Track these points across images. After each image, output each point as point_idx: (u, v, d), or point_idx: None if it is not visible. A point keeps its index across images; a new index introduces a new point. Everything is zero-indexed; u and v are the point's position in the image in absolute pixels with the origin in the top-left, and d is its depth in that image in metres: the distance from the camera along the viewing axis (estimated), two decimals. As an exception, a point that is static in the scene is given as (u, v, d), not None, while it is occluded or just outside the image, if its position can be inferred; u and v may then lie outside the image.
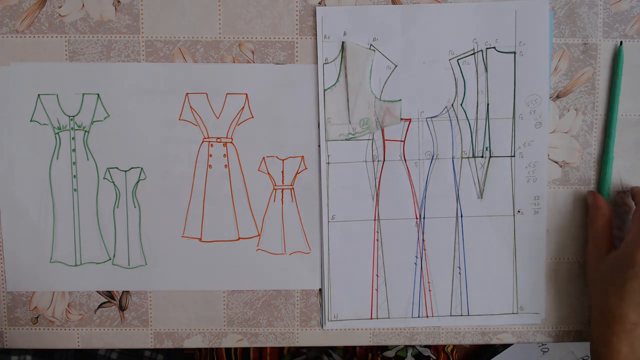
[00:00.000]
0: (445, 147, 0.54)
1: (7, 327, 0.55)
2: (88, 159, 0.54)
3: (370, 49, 0.53)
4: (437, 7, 0.53)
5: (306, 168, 0.55)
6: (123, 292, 0.55)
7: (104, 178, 0.54)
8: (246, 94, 0.54)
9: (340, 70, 0.53)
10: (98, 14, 0.53)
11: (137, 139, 0.54)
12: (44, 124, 0.53)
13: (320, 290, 0.56)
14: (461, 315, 0.56)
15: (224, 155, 0.54)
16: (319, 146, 0.54)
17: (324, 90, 0.54)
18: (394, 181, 0.55)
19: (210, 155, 0.54)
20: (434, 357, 0.74)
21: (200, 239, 0.55)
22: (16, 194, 0.54)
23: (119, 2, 0.53)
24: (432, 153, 0.55)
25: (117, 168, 0.54)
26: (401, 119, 0.54)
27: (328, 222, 0.55)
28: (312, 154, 0.54)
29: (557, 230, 0.56)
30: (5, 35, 0.53)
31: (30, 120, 0.53)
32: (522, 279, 0.56)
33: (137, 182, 0.54)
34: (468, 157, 0.55)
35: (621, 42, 0.54)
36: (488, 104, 0.54)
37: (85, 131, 0.54)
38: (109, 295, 0.55)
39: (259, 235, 0.55)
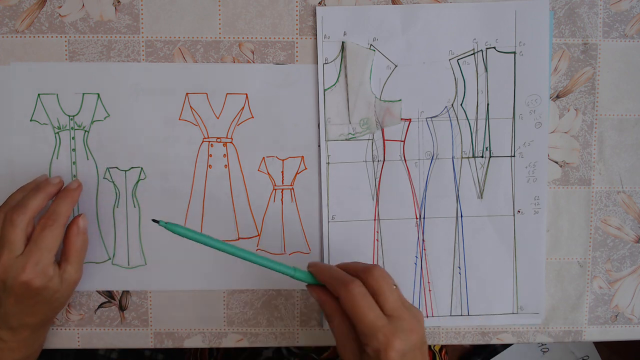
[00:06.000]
0: (445, 147, 0.54)
1: (7, 327, 0.55)
2: (88, 159, 0.54)
3: (370, 49, 0.53)
4: (437, 7, 0.53)
5: (306, 168, 0.55)
6: (123, 292, 0.55)
7: (104, 178, 0.54)
8: (246, 94, 0.54)
9: (340, 70, 0.53)
10: (98, 14, 0.53)
11: (137, 139, 0.54)
12: (44, 124, 0.53)
13: (320, 290, 0.56)
14: (461, 315, 0.56)
15: (224, 155, 0.54)
16: (319, 146, 0.54)
17: (324, 90, 0.54)
18: (394, 181, 0.55)
19: (210, 155, 0.54)
20: None
21: (200, 239, 0.55)
22: (16, 193, 0.54)
23: (119, 2, 0.53)
24: (432, 153, 0.55)
25: (117, 168, 0.54)
26: (401, 119, 0.54)
27: (328, 222, 0.55)
28: (312, 154, 0.54)
29: (557, 230, 0.56)
30: (5, 35, 0.53)
31: (30, 120, 0.53)
32: (522, 279, 0.56)
33: (137, 182, 0.54)
34: (468, 157, 0.55)
35: None
36: (488, 104, 0.54)
37: (85, 131, 0.54)
38: (109, 295, 0.55)
39: (258, 235, 0.55)
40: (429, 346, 0.76)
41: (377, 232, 0.55)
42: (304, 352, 0.71)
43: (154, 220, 0.43)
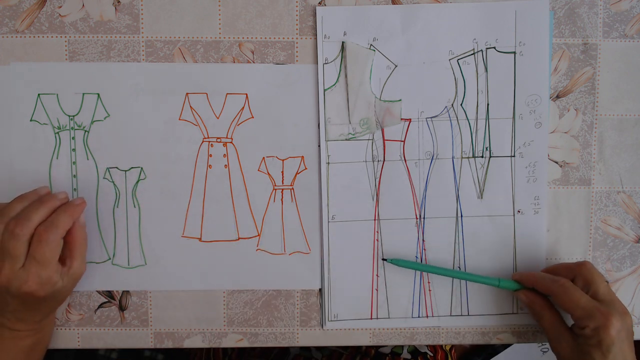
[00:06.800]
0: (445, 147, 0.54)
1: (7, 327, 0.55)
2: (88, 159, 0.54)
3: (370, 49, 0.53)
4: (437, 7, 0.53)
5: (306, 168, 0.55)
6: (123, 292, 0.55)
7: (104, 178, 0.54)
8: (246, 94, 0.54)
9: (340, 70, 0.53)
10: (98, 14, 0.53)
11: (137, 139, 0.54)
12: (44, 124, 0.53)
13: (320, 290, 0.56)
14: (461, 315, 0.56)
15: (224, 155, 0.54)
16: (319, 146, 0.54)
17: (324, 90, 0.54)
18: (394, 181, 0.55)
19: (210, 155, 0.54)
20: (431, 354, 0.74)
21: (200, 239, 0.55)
22: (16, 193, 0.53)
23: (119, 2, 0.53)
24: (432, 153, 0.55)
25: (117, 168, 0.54)
26: (401, 119, 0.54)
27: (328, 222, 0.55)
28: (312, 154, 0.54)
29: (557, 230, 0.56)
30: (5, 35, 0.53)
31: (30, 120, 0.53)
32: (522, 279, 0.55)
33: (137, 182, 0.54)
34: (468, 157, 0.55)
35: None
36: (488, 104, 0.54)
37: (85, 131, 0.54)
38: (109, 295, 0.55)
39: (258, 235, 0.55)
40: (440, 346, 0.76)
41: (377, 232, 0.55)
42: (330, 348, 0.72)
43: (383, 259, 0.54)
